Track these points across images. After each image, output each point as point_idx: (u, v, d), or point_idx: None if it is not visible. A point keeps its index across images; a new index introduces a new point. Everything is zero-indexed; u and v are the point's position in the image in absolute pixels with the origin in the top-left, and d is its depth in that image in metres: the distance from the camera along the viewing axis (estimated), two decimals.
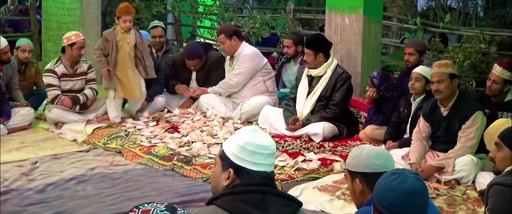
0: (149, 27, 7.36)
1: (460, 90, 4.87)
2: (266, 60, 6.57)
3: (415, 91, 5.16)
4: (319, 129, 5.60)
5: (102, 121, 6.25)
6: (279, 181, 4.54)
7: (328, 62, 5.80)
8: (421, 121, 4.85)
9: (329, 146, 5.40)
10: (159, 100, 6.57)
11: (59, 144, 5.85)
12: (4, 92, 6.37)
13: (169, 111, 6.50)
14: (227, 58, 6.59)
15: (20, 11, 10.83)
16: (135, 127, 6.04)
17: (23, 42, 7.00)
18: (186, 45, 7.71)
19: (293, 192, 4.33)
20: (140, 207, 1.81)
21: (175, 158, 5.15)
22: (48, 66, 6.33)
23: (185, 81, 6.78)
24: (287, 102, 6.06)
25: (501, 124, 3.58)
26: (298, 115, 5.83)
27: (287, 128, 5.76)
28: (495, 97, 4.95)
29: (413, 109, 5.20)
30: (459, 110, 4.67)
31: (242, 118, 6.21)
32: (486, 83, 5.00)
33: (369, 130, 5.62)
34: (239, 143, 2.22)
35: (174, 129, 5.88)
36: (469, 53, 6.66)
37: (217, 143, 5.35)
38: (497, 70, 4.89)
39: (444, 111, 4.75)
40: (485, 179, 4.19)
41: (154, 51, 7.05)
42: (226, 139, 2.44)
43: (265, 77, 6.44)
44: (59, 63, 6.29)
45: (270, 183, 2.24)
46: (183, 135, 5.67)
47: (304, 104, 5.84)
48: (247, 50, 6.41)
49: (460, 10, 12.48)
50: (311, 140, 5.59)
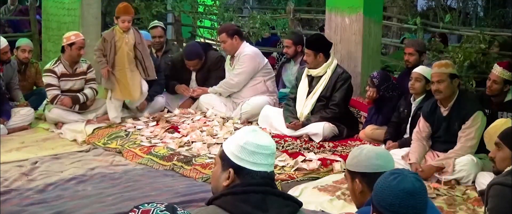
0: (149, 27, 7.36)
1: (460, 90, 4.87)
2: (266, 60, 6.58)
3: (415, 91, 5.16)
4: (319, 129, 5.60)
5: (102, 121, 6.25)
6: (279, 181, 4.54)
7: (328, 62, 5.80)
8: (421, 121, 4.85)
9: (329, 146, 5.40)
10: (159, 100, 6.56)
11: (59, 144, 5.85)
12: (4, 92, 6.37)
13: (169, 111, 6.50)
14: (228, 58, 6.58)
15: (20, 11, 10.81)
16: (135, 127, 6.04)
17: (23, 42, 7.00)
18: (185, 45, 7.71)
19: (293, 192, 4.33)
20: (140, 207, 1.80)
21: (175, 158, 5.16)
22: (47, 66, 6.33)
23: (185, 81, 6.77)
24: (287, 102, 6.06)
25: (501, 124, 3.58)
26: (298, 115, 5.83)
27: (287, 126, 5.76)
28: (495, 97, 4.96)
29: (413, 109, 5.20)
30: (459, 110, 4.67)
31: (242, 118, 6.21)
32: (486, 83, 5.01)
33: (369, 130, 5.62)
34: (239, 143, 2.22)
35: (174, 129, 5.88)
36: (469, 53, 6.65)
37: (217, 143, 5.35)
38: (497, 70, 4.89)
39: (444, 111, 4.75)
40: (485, 179, 4.19)
41: (153, 51, 7.04)
42: (226, 139, 2.43)
43: (265, 77, 6.43)
44: (58, 63, 6.29)
45: (270, 183, 2.23)
46: (183, 135, 5.67)
47: (304, 104, 5.84)
48: (247, 50, 6.41)
49: (460, 10, 12.47)
50: (311, 140, 5.59)
